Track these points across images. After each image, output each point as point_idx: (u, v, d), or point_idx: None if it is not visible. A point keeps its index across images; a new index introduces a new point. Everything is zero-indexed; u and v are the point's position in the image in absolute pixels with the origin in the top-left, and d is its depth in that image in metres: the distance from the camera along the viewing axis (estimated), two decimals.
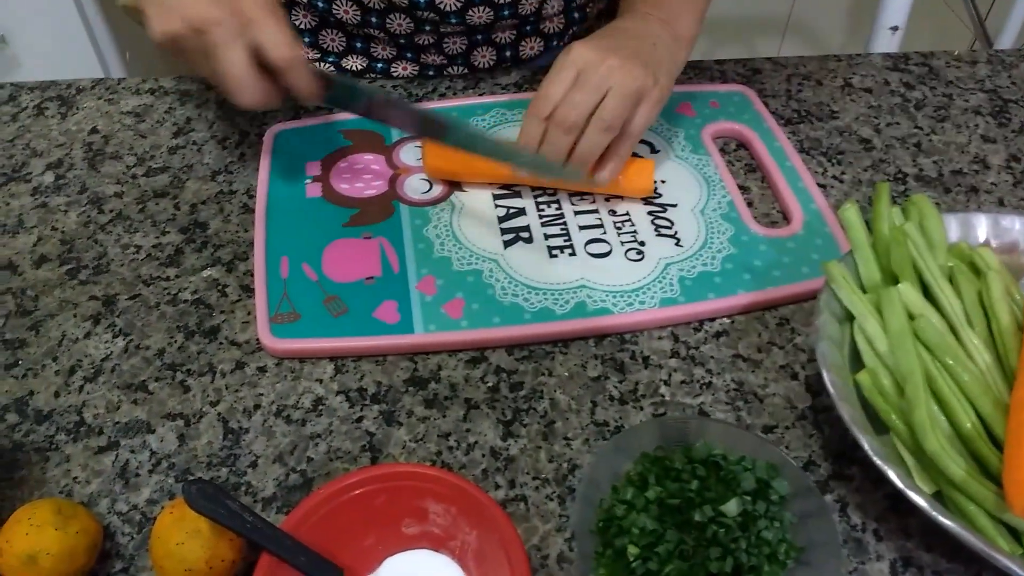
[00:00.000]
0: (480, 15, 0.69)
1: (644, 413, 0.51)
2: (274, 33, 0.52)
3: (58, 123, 0.68)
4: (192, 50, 0.53)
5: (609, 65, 0.56)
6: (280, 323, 0.53)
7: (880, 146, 0.70)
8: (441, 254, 0.57)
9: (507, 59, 0.76)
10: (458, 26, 0.71)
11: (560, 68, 0.57)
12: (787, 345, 0.55)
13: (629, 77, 0.56)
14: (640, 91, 0.57)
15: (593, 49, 0.57)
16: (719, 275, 0.57)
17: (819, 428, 0.51)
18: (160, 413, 0.50)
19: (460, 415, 0.50)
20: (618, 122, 0.56)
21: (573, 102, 0.56)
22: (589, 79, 0.56)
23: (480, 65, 0.76)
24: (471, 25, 0.70)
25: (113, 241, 0.59)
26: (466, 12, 0.69)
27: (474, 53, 0.75)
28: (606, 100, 0.56)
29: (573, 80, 0.56)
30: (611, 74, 0.56)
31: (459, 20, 0.70)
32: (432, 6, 0.68)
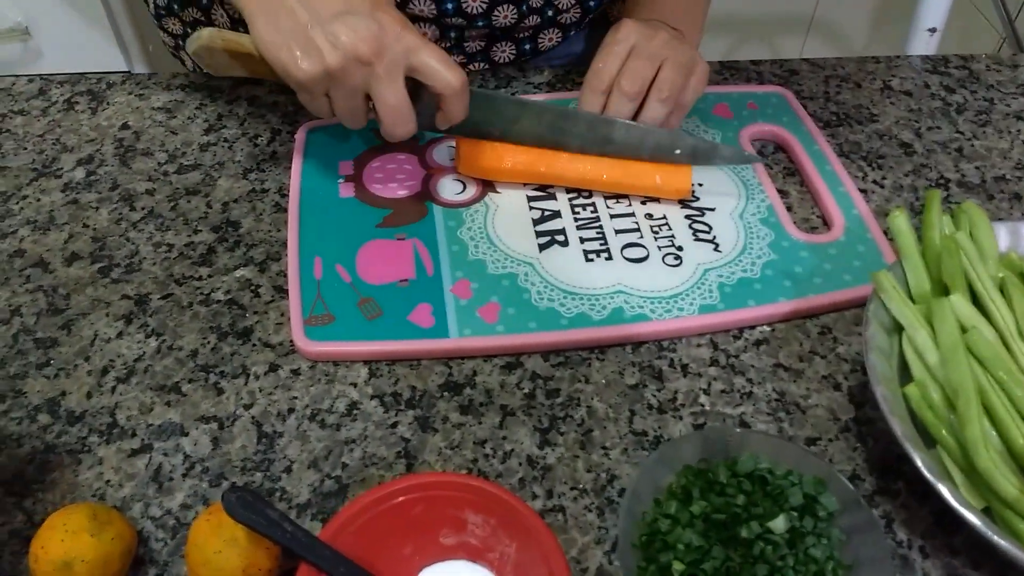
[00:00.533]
0: (506, 15, 0.69)
1: (684, 423, 0.50)
2: (438, 59, 0.51)
3: (88, 118, 0.68)
4: (342, 86, 0.51)
5: (661, 39, 0.59)
6: (314, 325, 0.52)
7: (921, 151, 0.69)
8: (476, 257, 0.56)
9: (527, 52, 0.75)
10: (483, 28, 0.70)
11: (613, 43, 0.59)
12: (829, 354, 0.54)
13: (680, 49, 0.59)
14: (691, 63, 0.59)
15: (643, 24, 0.60)
16: (759, 282, 0.55)
17: (863, 441, 0.50)
18: (193, 416, 0.49)
19: (496, 422, 0.49)
20: (676, 93, 0.58)
21: (634, 70, 0.58)
22: (645, 50, 0.58)
23: (500, 60, 0.75)
24: (495, 26, 0.70)
25: (145, 239, 0.58)
26: (492, 14, 0.68)
27: (494, 49, 0.74)
28: (663, 71, 0.58)
29: (627, 54, 0.58)
30: (664, 47, 0.58)
31: (485, 23, 0.69)
32: (459, 11, 0.67)
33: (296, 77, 0.50)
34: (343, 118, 0.54)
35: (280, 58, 0.50)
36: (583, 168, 0.60)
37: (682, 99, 0.59)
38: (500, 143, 0.60)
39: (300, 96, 0.53)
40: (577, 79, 0.73)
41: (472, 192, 0.61)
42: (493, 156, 0.60)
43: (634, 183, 0.60)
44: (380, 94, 0.51)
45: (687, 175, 0.60)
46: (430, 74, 0.51)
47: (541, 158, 0.60)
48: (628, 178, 0.60)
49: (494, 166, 0.60)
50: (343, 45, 0.49)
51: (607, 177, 0.60)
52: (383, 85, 0.51)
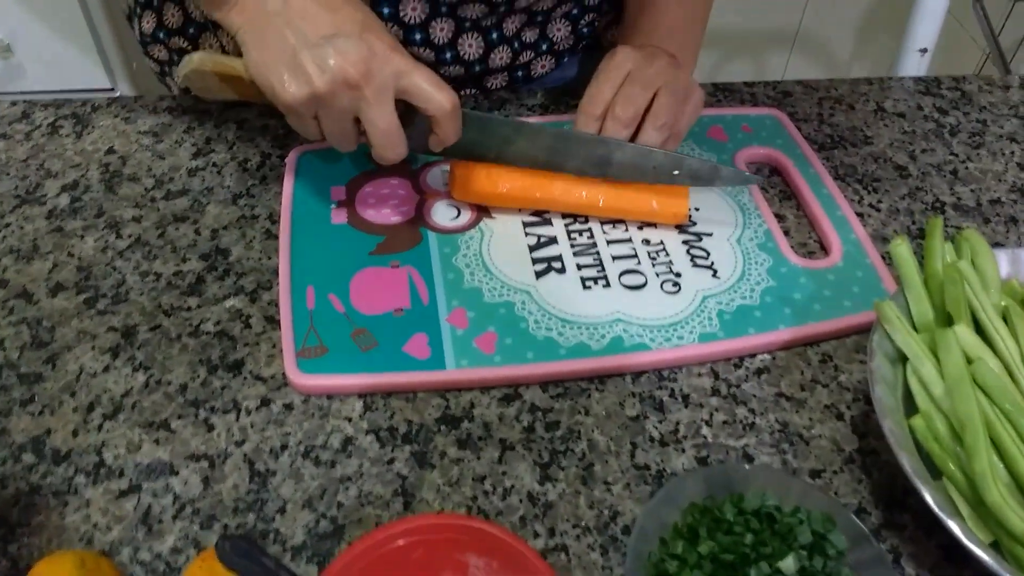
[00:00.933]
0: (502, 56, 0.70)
1: (686, 456, 0.49)
2: (429, 81, 0.51)
3: (73, 142, 0.66)
4: (331, 109, 0.50)
5: (658, 65, 0.58)
6: (307, 357, 0.51)
7: (916, 173, 0.68)
8: (471, 285, 0.55)
9: (519, 79, 0.75)
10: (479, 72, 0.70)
11: (609, 69, 0.58)
12: (831, 383, 0.53)
13: (677, 76, 0.58)
14: (688, 90, 0.59)
15: (639, 50, 0.59)
16: (759, 309, 0.55)
17: (868, 472, 0.49)
18: (183, 454, 0.48)
19: (495, 456, 0.48)
20: (672, 120, 0.57)
21: (630, 96, 0.57)
22: (641, 76, 0.58)
23: (492, 87, 0.74)
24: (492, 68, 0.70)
25: (132, 268, 0.57)
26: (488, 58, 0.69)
27: (486, 78, 0.74)
28: (659, 97, 0.57)
29: (622, 80, 0.58)
30: (660, 73, 0.58)
31: (482, 67, 0.69)
32: (457, 59, 0.67)
33: (284, 100, 0.50)
34: (333, 141, 0.54)
35: (269, 81, 0.50)
36: (579, 193, 0.59)
37: (677, 127, 0.59)
38: (495, 167, 0.59)
39: (289, 119, 0.53)
40: (571, 101, 0.73)
41: (467, 218, 0.60)
42: (487, 181, 0.59)
43: (631, 208, 0.59)
44: (369, 118, 0.51)
45: (684, 199, 0.59)
46: (421, 96, 0.51)
47: (536, 183, 0.59)
48: (625, 203, 0.59)
49: (488, 191, 0.59)
50: (331, 68, 0.49)
51: (603, 202, 0.59)
52: (372, 109, 0.50)
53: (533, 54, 0.72)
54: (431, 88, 0.51)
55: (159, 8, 0.69)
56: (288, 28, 0.49)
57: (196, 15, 0.67)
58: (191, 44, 0.70)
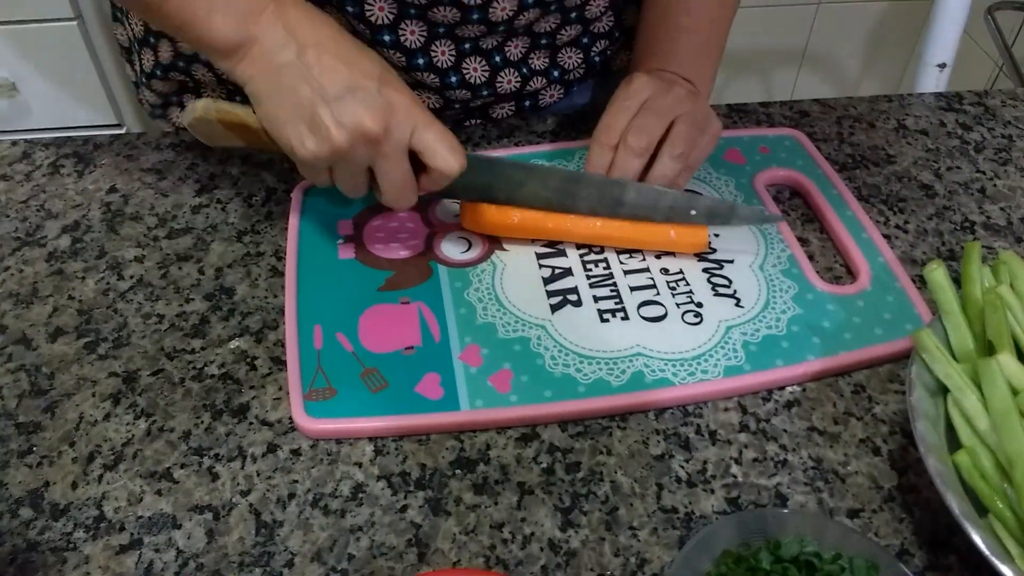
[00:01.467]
0: (510, 80, 0.68)
1: (716, 497, 0.46)
2: (441, 140, 0.50)
3: (74, 182, 0.65)
4: (347, 164, 0.50)
5: (675, 95, 0.56)
6: (315, 400, 0.49)
7: (943, 192, 0.66)
8: (484, 320, 0.53)
9: (526, 108, 0.73)
10: (488, 97, 0.68)
11: (625, 97, 0.57)
12: (865, 415, 0.50)
13: (695, 105, 0.56)
14: (704, 121, 0.57)
15: (656, 78, 0.57)
16: (786, 339, 0.52)
17: (909, 511, 0.46)
18: (186, 505, 0.45)
19: (513, 502, 0.46)
20: (688, 150, 0.55)
21: (644, 126, 0.55)
22: (657, 105, 0.56)
23: (498, 116, 0.73)
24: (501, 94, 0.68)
25: (134, 310, 0.55)
26: (495, 81, 0.67)
27: (494, 105, 0.72)
28: (676, 127, 0.55)
29: (637, 108, 0.56)
30: (678, 102, 0.56)
31: (490, 92, 0.67)
32: (464, 83, 0.65)
33: (301, 156, 0.49)
34: (344, 190, 0.53)
35: (285, 135, 0.49)
36: (594, 223, 0.57)
37: (692, 158, 0.57)
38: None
39: (301, 170, 0.52)
40: (583, 126, 0.71)
41: (478, 251, 0.58)
42: (498, 211, 0.57)
43: (648, 239, 0.57)
44: (384, 171, 0.51)
45: (703, 228, 0.57)
46: (430, 155, 0.50)
47: (549, 213, 0.57)
48: (642, 234, 0.57)
49: (500, 221, 0.57)
50: (349, 125, 0.48)
51: (619, 233, 0.57)
52: (388, 163, 0.50)
53: (544, 81, 0.70)
54: (442, 148, 0.50)
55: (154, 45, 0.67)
56: (304, 82, 0.48)
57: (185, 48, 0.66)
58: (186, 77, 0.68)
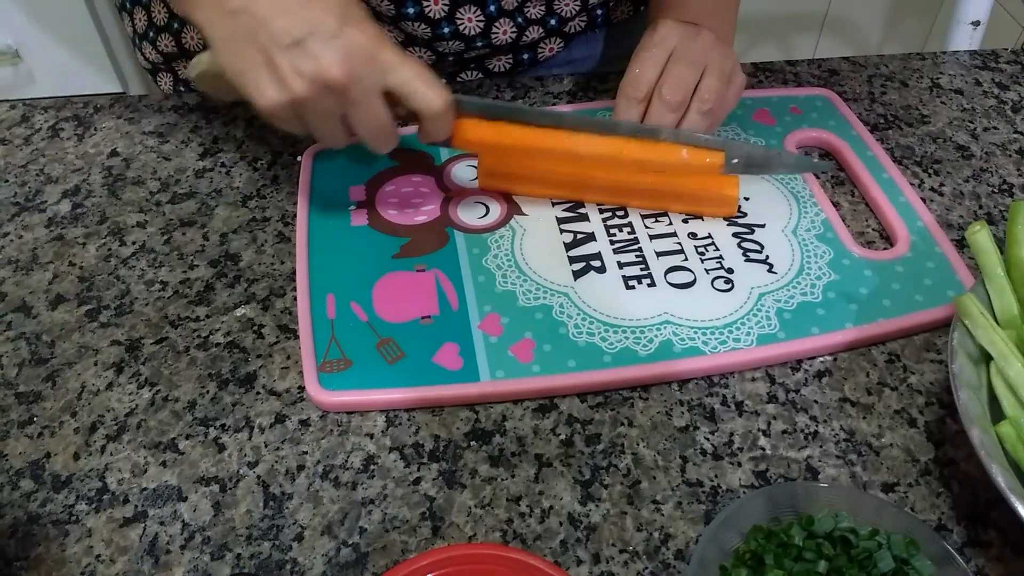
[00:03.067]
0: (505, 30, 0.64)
1: (743, 470, 0.44)
2: (418, 78, 0.47)
3: (75, 145, 0.62)
4: (314, 113, 0.47)
5: (704, 41, 0.53)
6: (329, 372, 0.47)
7: (979, 153, 0.63)
8: (504, 288, 0.51)
9: (524, 62, 0.70)
10: (483, 49, 0.64)
11: (651, 46, 0.53)
12: (900, 386, 0.48)
13: (724, 54, 0.53)
14: (732, 70, 0.54)
15: (682, 24, 0.54)
16: (822, 306, 0.50)
17: (947, 485, 0.44)
18: (192, 477, 0.44)
19: (531, 474, 0.44)
20: (717, 103, 0.53)
21: (680, 77, 0.52)
22: (688, 54, 0.52)
23: (496, 70, 0.70)
24: (496, 45, 0.64)
25: (136, 277, 0.53)
26: (489, 32, 0.63)
27: (489, 57, 0.69)
28: (705, 78, 0.52)
29: (666, 59, 0.52)
30: (707, 50, 0.53)
31: (485, 43, 0.64)
32: (457, 34, 0.62)
33: (261, 106, 0.46)
34: (321, 140, 0.50)
35: (244, 85, 0.46)
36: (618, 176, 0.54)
37: (720, 112, 0.54)
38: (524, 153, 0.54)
39: (272, 121, 0.48)
40: (600, 87, 0.68)
41: (496, 215, 0.56)
42: (517, 166, 0.55)
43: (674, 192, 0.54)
44: (357, 119, 0.47)
45: (734, 188, 0.54)
46: (408, 95, 0.47)
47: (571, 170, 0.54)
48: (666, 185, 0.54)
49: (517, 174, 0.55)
50: (309, 73, 0.44)
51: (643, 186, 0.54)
52: (359, 110, 0.47)
53: (541, 31, 0.66)
54: (420, 85, 0.47)
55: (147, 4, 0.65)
56: (258, 27, 0.44)
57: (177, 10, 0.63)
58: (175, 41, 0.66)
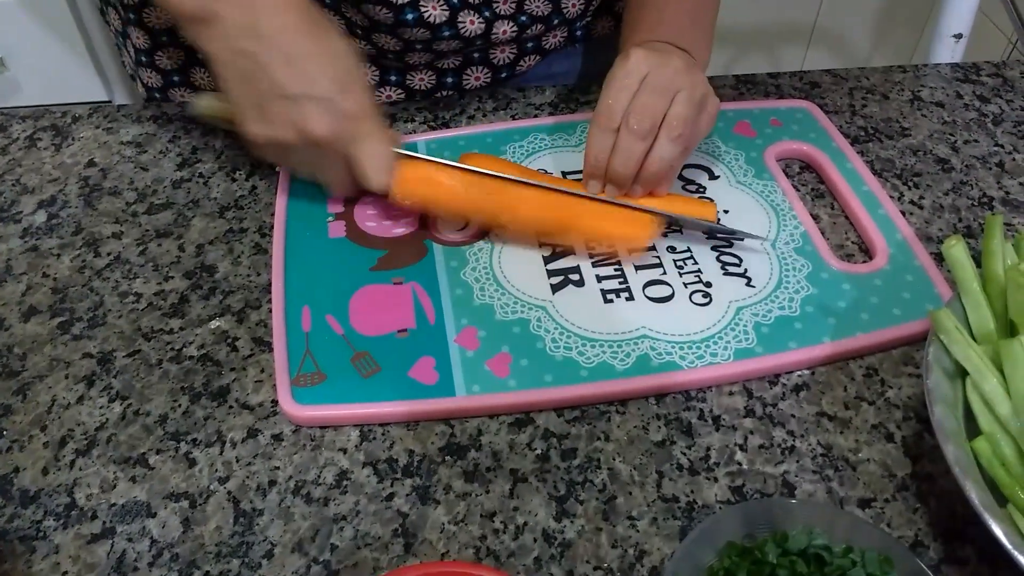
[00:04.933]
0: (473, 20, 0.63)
1: (719, 486, 0.44)
2: (371, 160, 0.51)
3: (52, 155, 0.62)
4: (291, 155, 0.53)
5: (675, 68, 0.53)
6: (303, 386, 0.46)
7: (959, 166, 0.63)
8: (482, 301, 0.51)
9: (502, 79, 0.70)
10: (451, 40, 0.64)
11: (623, 75, 0.53)
12: (878, 400, 0.48)
13: (694, 80, 0.53)
14: (704, 98, 0.53)
15: (653, 52, 0.53)
16: (800, 320, 0.50)
17: (923, 500, 0.44)
18: (162, 492, 0.43)
19: (505, 490, 0.43)
20: (687, 130, 0.52)
21: (647, 106, 0.51)
22: (657, 82, 0.52)
23: (471, 87, 0.70)
24: (466, 38, 0.64)
25: (110, 289, 0.53)
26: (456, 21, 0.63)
27: (467, 72, 0.69)
28: (674, 106, 0.52)
29: (637, 87, 0.52)
30: (678, 77, 0.52)
31: (452, 32, 0.63)
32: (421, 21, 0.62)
33: (248, 135, 0.51)
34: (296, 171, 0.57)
35: (238, 112, 0.51)
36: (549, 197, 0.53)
37: (692, 139, 0.53)
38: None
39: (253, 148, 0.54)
40: (581, 99, 0.68)
41: (475, 228, 0.55)
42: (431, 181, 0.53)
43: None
44: (325, 168, 0.54)
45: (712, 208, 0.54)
46: (357, 169, 0.52)
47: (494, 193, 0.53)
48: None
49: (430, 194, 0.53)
50: (298, 126, 0.49)
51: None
52: (329, 163, 0.53)
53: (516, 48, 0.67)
54: (370, 168, 0.51)
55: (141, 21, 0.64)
56: (262, 73, 0.49)
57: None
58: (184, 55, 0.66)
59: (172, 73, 0.66)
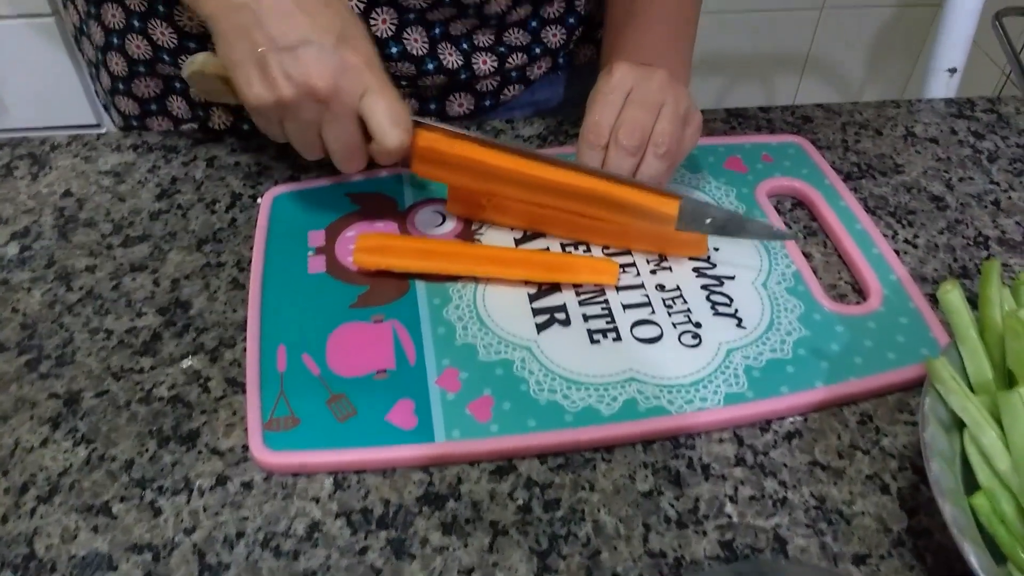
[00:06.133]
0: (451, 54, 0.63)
1: (708, 540, 0.42)
2: (386, 112, 0.48)
3: (27, 185, 0.60)
4: (295, 119, 0.49)
5: (658, 81, 0.52)
6: (276, 430, 0.44)
7: (954, 204, 0.62)
8: (464, 341, 0.49)
9: (486, 107, 0.69)
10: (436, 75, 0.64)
11: (607, 90, 0.52)
12: (872, 449, 0.46)
13: (678, 95, 0.53)
14: (688, 112, 0.53)
15: (636, 67, 0.53)
16: (791, 363, 0.48)
17: (920, 557, 0.42)
18: (124, 544, 0.41)
19: (485, 543, 0.42)
20: (673, 146, 0.52)
21: (635, 121, 0.51)
22: (643, 97, 0.52)
23: (455, 114, 0.69)
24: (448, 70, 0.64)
25: (81, 325, 0.51)
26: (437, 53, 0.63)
27: (449, 99, 0.68)
28: (660, 122, 0.52)
29: (623, 101, 0.52)
30: (661, 91, 0.52)
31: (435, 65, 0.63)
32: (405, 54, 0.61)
33: (247, 100, 0.48)
34: (297, 148, 0.51)
35: (236, 78, 0.48)
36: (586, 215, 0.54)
37: (678, 154, 0.53)
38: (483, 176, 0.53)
39: (254, 118, 0.50)
40: (571, 130, 0.67)
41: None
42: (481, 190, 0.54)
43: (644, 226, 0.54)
44: (331, 132, 0.49)
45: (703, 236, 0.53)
46: (372, 125, 0.48)
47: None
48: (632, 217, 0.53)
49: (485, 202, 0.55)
50: (297, 79, 0.46)
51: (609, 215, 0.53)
52: (336, 124, 0.49)
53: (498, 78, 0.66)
54: (385, 120, 0.48)
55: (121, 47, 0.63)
56: (257, 26, 0.46)
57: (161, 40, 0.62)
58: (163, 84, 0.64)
59: (149, 101, 0.65)
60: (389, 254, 0.52)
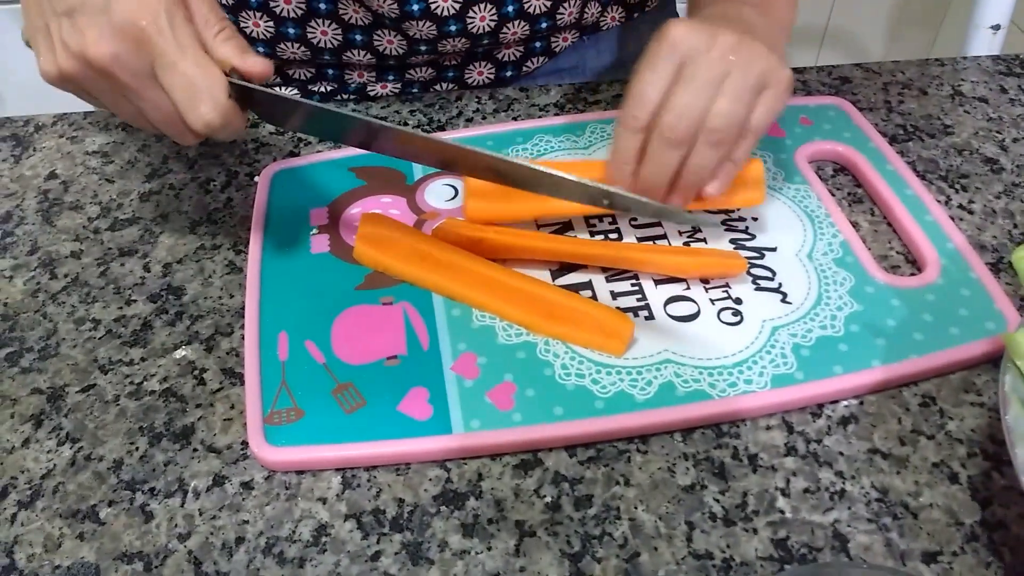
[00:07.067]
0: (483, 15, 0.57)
1: (759, 538, 0.38)
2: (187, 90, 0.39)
3: (10, 168, 0.57)
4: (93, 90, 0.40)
5: (721, 46, 0.42)
6: (277, 424, 0.40)
7: (1010, 167, 0.57)
8: (482, 322, 0.45)
9: (507, 78, 0.64)
10: (457, 38, 0.58)
11: (657, 56, 0.43)
12: (938, 433, 0.42)
13: (749, 58, 0.43)
14: (764, 74, 0.43)
15: (697, 28, 0.43)
16: (844, 341, 0.43)
17: (996, 552, 0.37)
18: (112, 552, 0.37)
19: (511, 546, 0.37)
20: (735, 130, 0.43)
21: (681, 106, 0.42)
22: (697, 69, 0.42)
23: (474, 82, 0.64)
24: (473, 35, 0.58)
25: (66, 315, 0.47)
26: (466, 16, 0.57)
27: (469, 68, 0.63)
28: (720, 100, 0.42)
29: (675, 71, 0.43)
30: (726, 59, 0.42)
31: (459, 28, 0.58)
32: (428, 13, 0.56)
33: (41, 75, 0.41)
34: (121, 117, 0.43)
35: (34, 46, 0.41)
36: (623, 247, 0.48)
37: (749, 124, 0.44)
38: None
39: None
40: (589, 98, 0.62)
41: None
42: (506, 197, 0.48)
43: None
44: (140, 105, 0.41)
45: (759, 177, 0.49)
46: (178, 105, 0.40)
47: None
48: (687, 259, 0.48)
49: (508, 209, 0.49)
50: (73, 48, 0.39)
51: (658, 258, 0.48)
52: (135, 96, 0.40)
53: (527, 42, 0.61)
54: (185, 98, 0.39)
55: None
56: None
57: None
58: None
59: None
60: (390, 251, 0.47)
